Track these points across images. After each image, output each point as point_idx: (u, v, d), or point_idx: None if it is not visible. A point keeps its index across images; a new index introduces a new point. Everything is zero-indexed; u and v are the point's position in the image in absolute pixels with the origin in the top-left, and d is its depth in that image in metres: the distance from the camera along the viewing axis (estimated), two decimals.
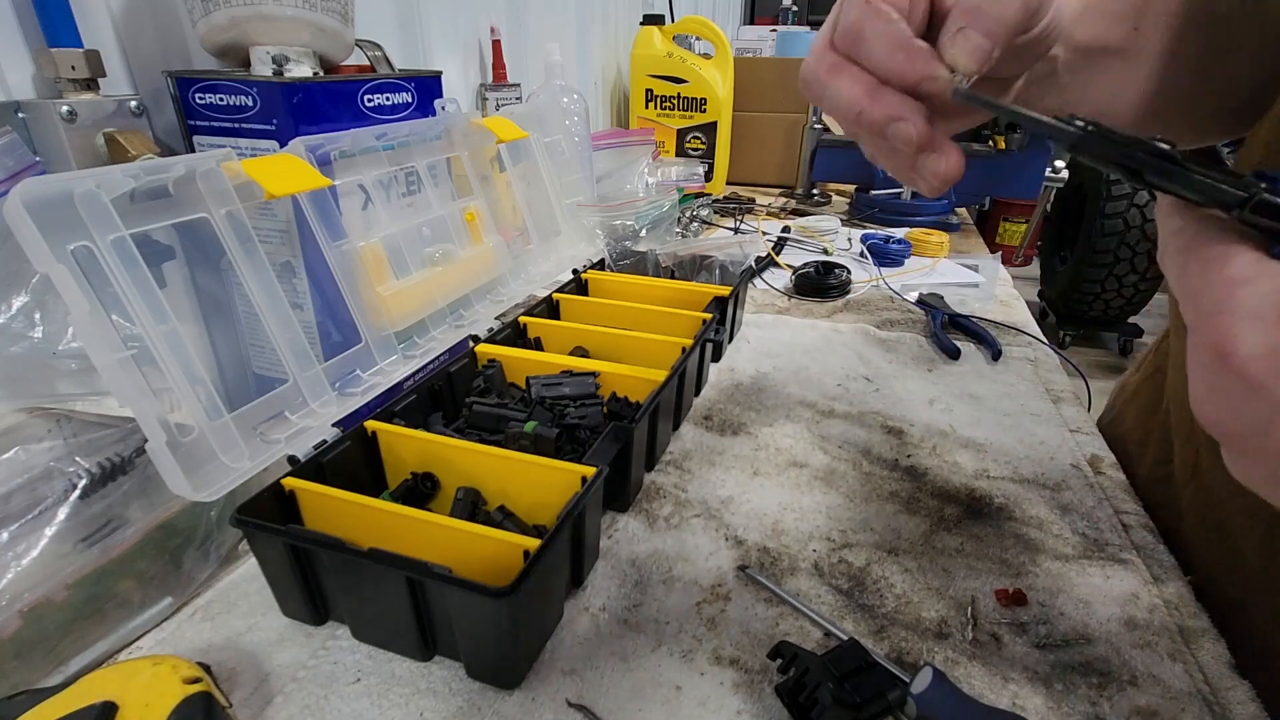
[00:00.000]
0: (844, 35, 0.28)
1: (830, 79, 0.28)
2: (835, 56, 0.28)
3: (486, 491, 0.48)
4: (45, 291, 0.46)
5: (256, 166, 0.44)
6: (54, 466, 0.42)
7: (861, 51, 0.28)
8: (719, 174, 1.51)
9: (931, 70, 0.26)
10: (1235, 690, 0.38)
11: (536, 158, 0.76)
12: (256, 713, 0.37)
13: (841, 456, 0.59)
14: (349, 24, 0.59)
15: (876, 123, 0.27)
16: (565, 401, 0.56)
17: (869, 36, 0.27)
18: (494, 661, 0.38)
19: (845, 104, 0.28)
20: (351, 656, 0.40)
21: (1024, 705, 0.37)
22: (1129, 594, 0.45)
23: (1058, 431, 0.63)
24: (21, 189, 0.33)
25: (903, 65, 0.27)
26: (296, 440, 0.45)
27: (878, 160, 0.30)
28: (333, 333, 0.55)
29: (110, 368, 0.35)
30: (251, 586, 0.45)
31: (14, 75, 0.51)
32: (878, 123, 0.27)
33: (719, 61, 1.44)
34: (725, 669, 0.39)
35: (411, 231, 0.59)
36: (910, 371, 0.74)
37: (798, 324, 0.87)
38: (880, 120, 0.27)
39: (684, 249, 0.89)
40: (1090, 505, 0.53)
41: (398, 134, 0.57)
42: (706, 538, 0.50)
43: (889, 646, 0.41)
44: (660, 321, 0.70)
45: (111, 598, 0.40)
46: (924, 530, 0.50)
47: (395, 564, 0.36)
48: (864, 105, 0.27)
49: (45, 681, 0.37)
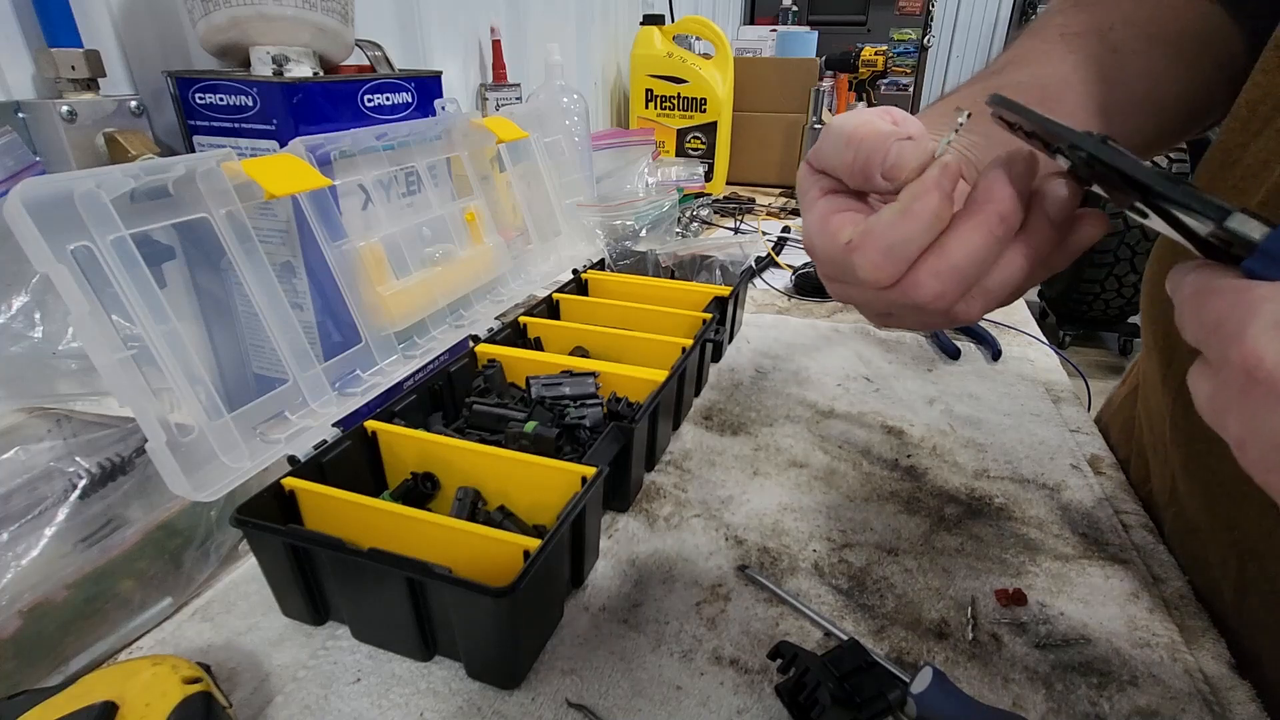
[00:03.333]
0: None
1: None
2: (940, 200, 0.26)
3: (486, 491, 0.48)
4: (45, 291, 0.46)
5: (256, 166, 0.44)
6: (54, 466, 0.42)
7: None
8: (719, 174, 1.50)
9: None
10: (1235, 690, 0.38)
11: (536, 158, 0.76)
12: (256, 713, 0.37)
13: (841, 456, 0.59)
14: (349, 24, 0.59)
15: (1013, 216, 0.26)
16: (565, 401, 0.56)
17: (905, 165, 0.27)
18: (494, 661, 0.38)
19: (985, 236, 0.26)
20: (351, 656, 0.40)
21: (1024, 705, 0.37)
22: (1129, 594, 0.45)
23: (1058, 431, 0.63)
24: (21, 189, 0.33)
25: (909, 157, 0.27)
26: (296, 440, 0.45)
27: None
28: (333, 333, 0.55)
29: (110, 368, 0.35)
30: (251, 586, 0.45)
31: (14, 75, 0.51)
32: (1014, 217, 0.26)
33: (719, 61, 1.44)
34: (725, 669, 0.39)
35: (411, 231, 0.59)
36: (910, 371, 0.74)
37: (798, 324, 0.87)
38: (1014, 212, 0.26)
39: (684, 249, 0.89)
40: (1090, 505, 0.53)
41: (398, 134, 0.57)
42: (706, 538, 0.50)
43: (889, 646, 0.41)
44: (660, 321, 0.70)
45: (111, 598, 0.40)
46: (924, 530, 0.50)
47: (395, 564, 0.36)
48: (1007, 221, 0.26)
49: (45, 681, 0.37)
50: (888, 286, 0.27)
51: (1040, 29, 0.42)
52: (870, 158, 0.27)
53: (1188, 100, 0.42)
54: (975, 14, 4.05)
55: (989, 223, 0.26)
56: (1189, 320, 0.21)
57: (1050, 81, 0.38)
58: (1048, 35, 0.41)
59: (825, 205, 0.30)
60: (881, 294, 0.28)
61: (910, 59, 3.25)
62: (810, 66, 1.54)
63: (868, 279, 0.27)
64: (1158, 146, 0.44)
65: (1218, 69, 0.41)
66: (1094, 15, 0.41)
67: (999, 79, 0.39)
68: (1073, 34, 0.40)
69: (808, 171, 0.32)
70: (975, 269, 0.26)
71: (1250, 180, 0.39)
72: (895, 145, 0.27)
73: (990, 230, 0.26)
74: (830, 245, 0.28)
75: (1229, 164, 0.40)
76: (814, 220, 0.30)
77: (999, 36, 4.03)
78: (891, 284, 0.27)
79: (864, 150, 0.27)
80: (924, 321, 0.31)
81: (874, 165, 0.27)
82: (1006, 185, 0.25)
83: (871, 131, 0.27)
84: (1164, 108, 0.41)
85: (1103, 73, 0.38)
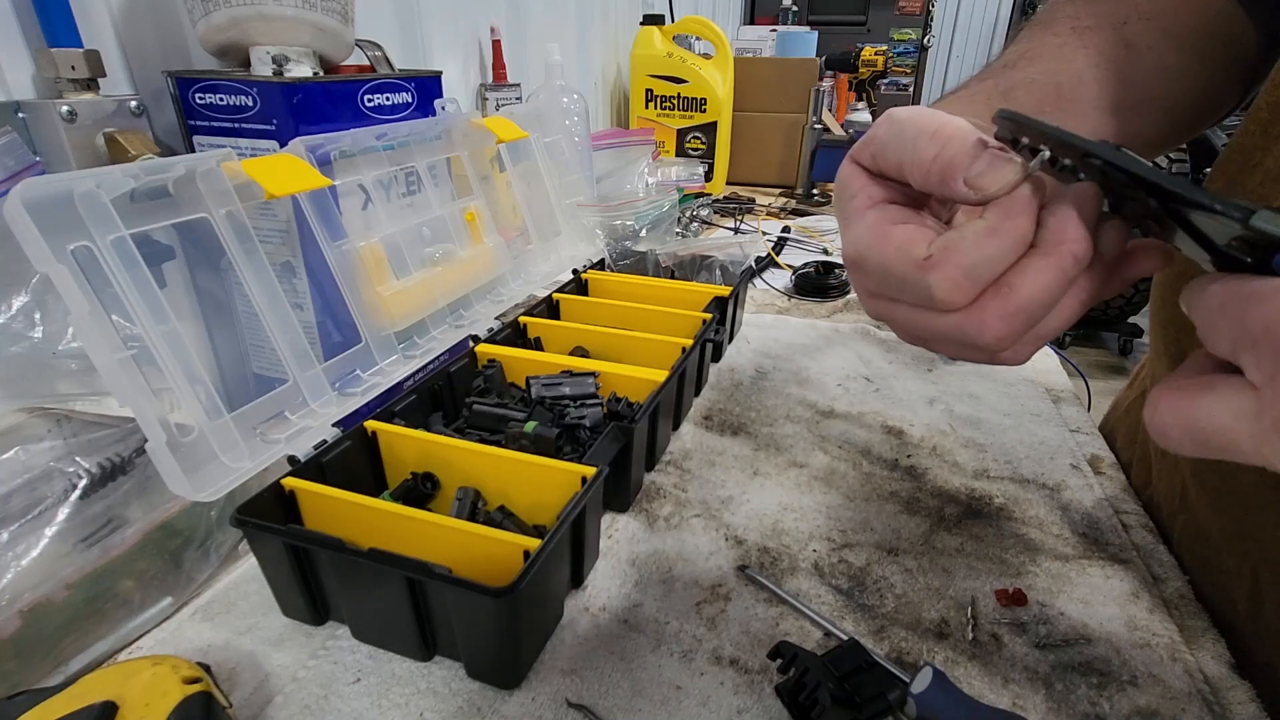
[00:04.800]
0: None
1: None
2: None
3: (486, 491, 0.48)
4: (45, 291, 0.46)
5: (256, 166, 0.44)
6: (54, 466, 0.42)
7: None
8: (719, 174, 1.50)
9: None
10: (1235, 690, 0.38)
11: (536, 158, 0.76)
12: (256, 713, 0.37)
13: (841, 456, 0.59)
14: (349, 24, 0.59)
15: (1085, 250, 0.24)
16: (565, 401, 0.56)
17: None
18: (494, 661, 0.38)
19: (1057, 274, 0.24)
20: (351, 656, 0.40)
21: (1024, 705, 0.37)
22: (1129, 594, 0.45)
23: (1058, 431, 0.63)
24: (21, 189, 0.33)
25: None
26: (296, 440, 0.45)
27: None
28: (333, 333, 0.55)
29: (110, 368, 0.35)
30: (251, 586, 0.45)
31: (14, 75, 0.51)
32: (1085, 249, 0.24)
33: (719, 61, 1.44)
34: (725, 669, 0.39)
35: (411, 231, 0.59)
36: (910, 371, 0.74)
37: (798, 324, 0.87)
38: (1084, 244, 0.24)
39: (684, 249, 0.89)
40: (1090, 505, 0.53)
41: (398, 134, 0.57)
42: (706, 538, 0.50)
43: (889, 646, 0.41)
44: (660, 321, 0.70)
45: (111, 598, 0.40)
46: (924, 530, 0.50)
47: (395, 564, 0.36)
48: (1083, 250, 0.24)
49: (45, 681, 0.37)
50: (957, 310, 0.25)
51: (1050, 21, 0.40)
52: (956, 159, 0.25)
53: (1200, 98, 0.41)
54: (975, 14, 4.05)
55: (1063, 264, 0.24)
56: (1226, 331, 0.19)
57: (1064, 79, 0.37)
58: (1059, 29, 0.39)
59: (880, 215, 0.27)
60: (937, 320, 0.26)
61: (910, 59, 3.24)
62: (810, 66, 1.54)
63: (943, 299, 0.25)
64: (1168, 144, 0.43)
65: (1231, 66, 0.41)
66: (1107, 8, 0.40)
67: (1011, 74, 0.38)
68: (1085, 28, 0.39)
69: (856, 173, 0.29)
70: (1042, 311, 0.25)
71: (1272, 185, 0.37)
72: (987, 154, 0.24)
73: (1064, 271, 0.24)
74: (897, 260, 0.26)
75: (1249, 167, 0.39)
76: (868, 232, 0.27)
77: (999, 36, 4.03)
78: (963, 307, 0.25)
79: (951, 149, 0.25)
80: (965, 356, 0.29)
81: (958, 168, 0.25)
82: (1079, 224, 0.24)
83: (959, 130, 0.25)
84: (1176, 105, 0.40)
85: (1117, 70, 0.37)
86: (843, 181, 0.30)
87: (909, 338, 0.30)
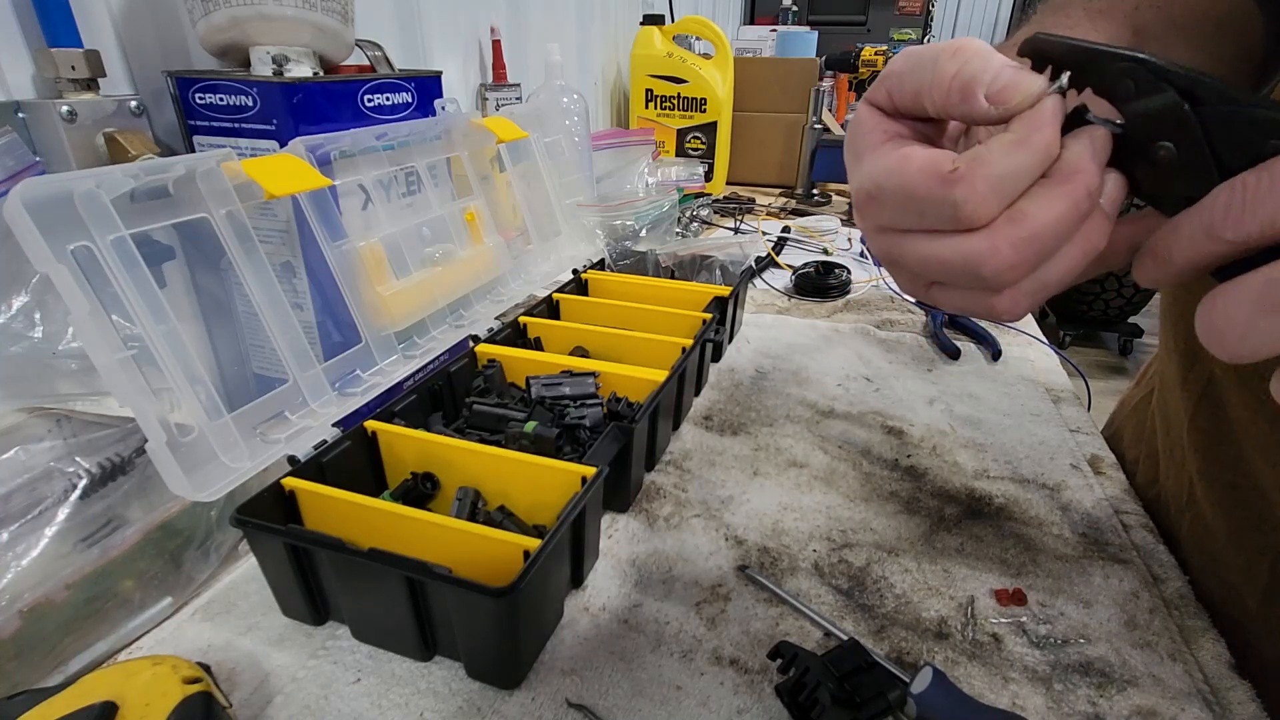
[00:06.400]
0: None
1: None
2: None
3: (486, 491, 0.48)
4: (45, 291, 0.46)
5: (256, 166, 0.44)
6: (54, 466, 0.42)
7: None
8: (719, 174, 1.50)
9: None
10: (1235, 690, 0.38)
11: (536, 158, 0.76)
12: (256, 713, 0.37)
13: (841, 456, 0.59)
14: (349, 24, 0.59)
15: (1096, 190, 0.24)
16: (565, 401, 0.56)
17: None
18: (494, 661, 0.38)
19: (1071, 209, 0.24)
20: (351, 656, 0.40)
21: (1024, 705, 0.37)
22: (1129, 594, 0.45)
23: (1058, 431, 0.63)
24: (21, 189, 0.33)
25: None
26: (296, 440, 0.45)
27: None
28: (333, 333, 0.55)
29: (110, 368, 0.35)
30: (251, 586, 0.45)
31: (14, 75, 0.51)
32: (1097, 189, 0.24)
33: (719, 61, 1.44)
34: (725, 669, 0.39)
35: (411, 231, 0.59)
36: (910, 371, 0.74)
37: (798, 324, 0.87)
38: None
39: (684, 249, 0.89)
40: (1090, 505, 0.53)
41: (398, 134, 0.57)
42: (706, 538, 0.50)
43: (889, 646, 0.41)
44: (660, 321, 0.70)
45: (111, 598, 0.40)
46: (924, 530, 0.50)
47: (395, 564, 0.36)
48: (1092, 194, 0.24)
49: (45, 681, 0.37)
50: (979, 228, 0.25)
51: (1065, 4, 0.40)
52: (977, 75, 0.24)
53: None
54: (975, 14, 4.05)
55: (1075, 194, 0.24)
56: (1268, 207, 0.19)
57: None
58: (1072, 11, 0.39)
59: (898, 145, 0.27)
60: (949, 248, 0.26)
61: None
62: (810, 66, 1.54)
63: (970, 213, 0.25)
64: None
65: (1237, 62, 0.40)
66: None
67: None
68: (1098, 11, 0.39)
69: (871, 113, 0.29)
70: (1053, 243, 0.25)
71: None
72: (1006, 69, 0.24)
73: (1076, 203, 0.24)
74: (921, 179, 0.25)
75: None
76: (888, 158, 0.27)
77: (999, 36, 4.03)
78: (984, 225, 0.25)
79: (973, 65, 0.25)
80: (969, 304, 0.28)
81: (979, 83, 0.24)
82: (1093, 159, 0.24)
83: (980, 47, 0.25)
84: None
85: None
86: (858, 121, 0.30)
87: (912, 280, 0.30)
